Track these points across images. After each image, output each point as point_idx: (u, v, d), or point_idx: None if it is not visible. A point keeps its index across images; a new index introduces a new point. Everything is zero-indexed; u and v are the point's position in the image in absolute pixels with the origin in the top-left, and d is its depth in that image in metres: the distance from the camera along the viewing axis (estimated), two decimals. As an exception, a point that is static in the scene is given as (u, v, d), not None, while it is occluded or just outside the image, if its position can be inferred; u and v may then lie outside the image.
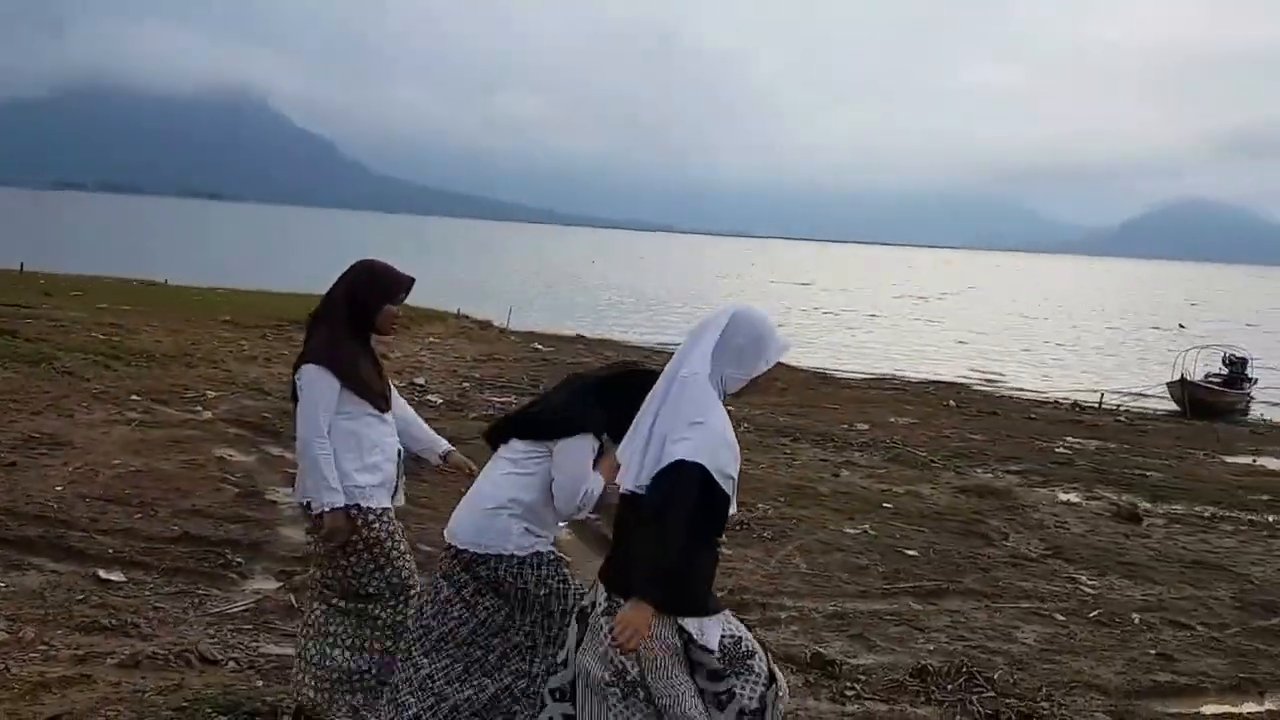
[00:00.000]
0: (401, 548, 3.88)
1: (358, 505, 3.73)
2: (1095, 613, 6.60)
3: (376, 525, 3.78)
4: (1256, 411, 23.12)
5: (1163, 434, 16.76)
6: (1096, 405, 20.66)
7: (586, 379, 3.52)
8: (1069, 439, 14.77)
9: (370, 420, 3.79)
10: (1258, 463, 14.32)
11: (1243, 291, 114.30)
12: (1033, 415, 17.72)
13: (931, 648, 5.74)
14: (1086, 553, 8.16)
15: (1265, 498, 11.27)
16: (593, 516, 3.72)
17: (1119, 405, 21.25)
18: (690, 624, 2.85)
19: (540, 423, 3.40)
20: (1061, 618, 6.45)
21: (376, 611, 3.80)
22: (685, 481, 2.74)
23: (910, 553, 7.56)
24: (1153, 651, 6.00)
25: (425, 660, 3.40)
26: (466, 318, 23.62)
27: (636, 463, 2.88)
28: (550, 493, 3.33)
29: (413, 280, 3.93)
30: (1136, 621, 6.55)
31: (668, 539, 2.72)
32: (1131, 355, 34.32)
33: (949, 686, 5.12)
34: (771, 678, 2.96)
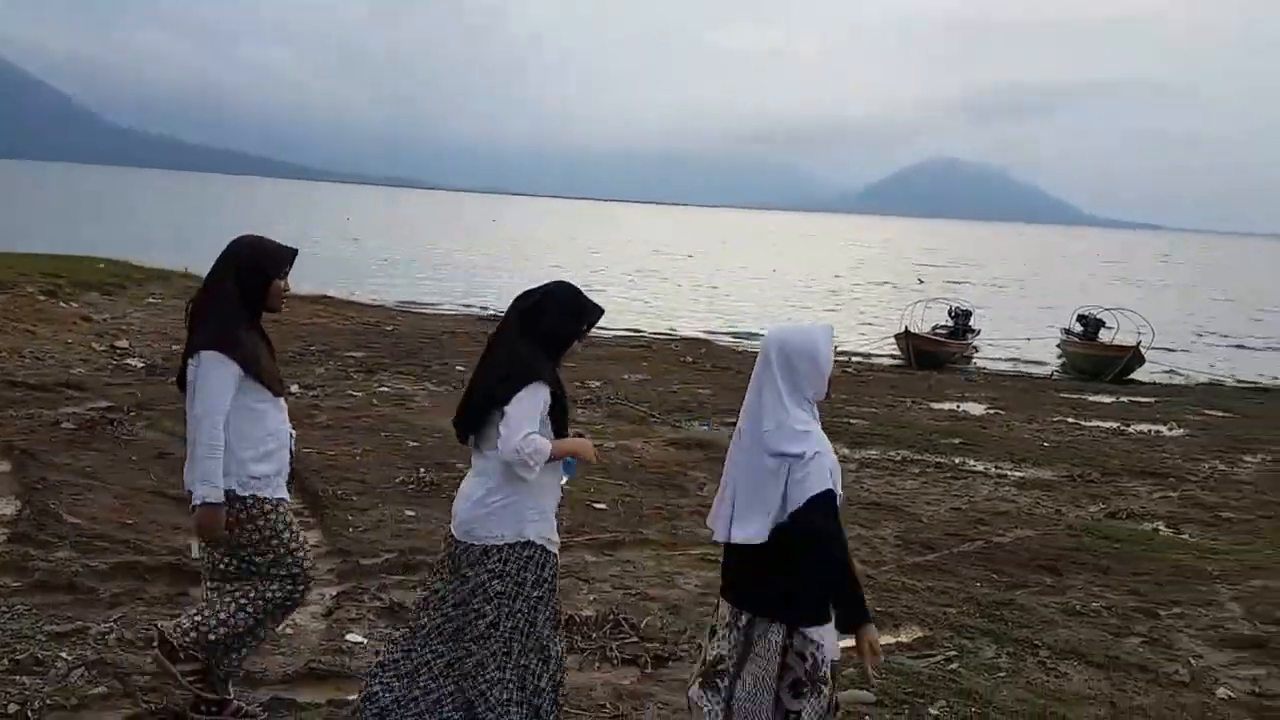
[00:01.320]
0: (300, 538, 3.85)
1: (254, 496, 3.66)
2: (764, 557, 6.87)
3: (273, 516, 3.73)
4: (980, 361, 24.85)
5: (882, 384, 17.72)
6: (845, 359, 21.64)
7: (504, 338, 3.44)
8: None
9: (267, 407, 3.69)
10: (961, 409, 15.35)
11: (987, 246, 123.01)
12: (767, 369, 18.40)
13: (592, 598, 5.83)
14: (775, 500, 8.48)
15: (957, 441, 12.09)
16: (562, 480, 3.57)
17: (850, 357, 22.36)
18: (813, 633, 3.11)
19: (486, 403, 3.36)
20: (731, 563, 6.67)
21: (274, 590, 3.76)
22: (826, 509, 2.99)
23: (599, 506, 7.67)
24: (808, 592, 6.29)
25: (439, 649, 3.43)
26: (194, 277, 22.36)
27: (727, 512, 3.11)
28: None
29: (295, 252, 3.83)
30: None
31: (841, 566, 3.03)
32: (875, 308, 36.19)
33: (594, 635, 5.22)
34: (834, 707, 3.18)
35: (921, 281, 46.26)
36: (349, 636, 5.00)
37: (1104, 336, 24.43)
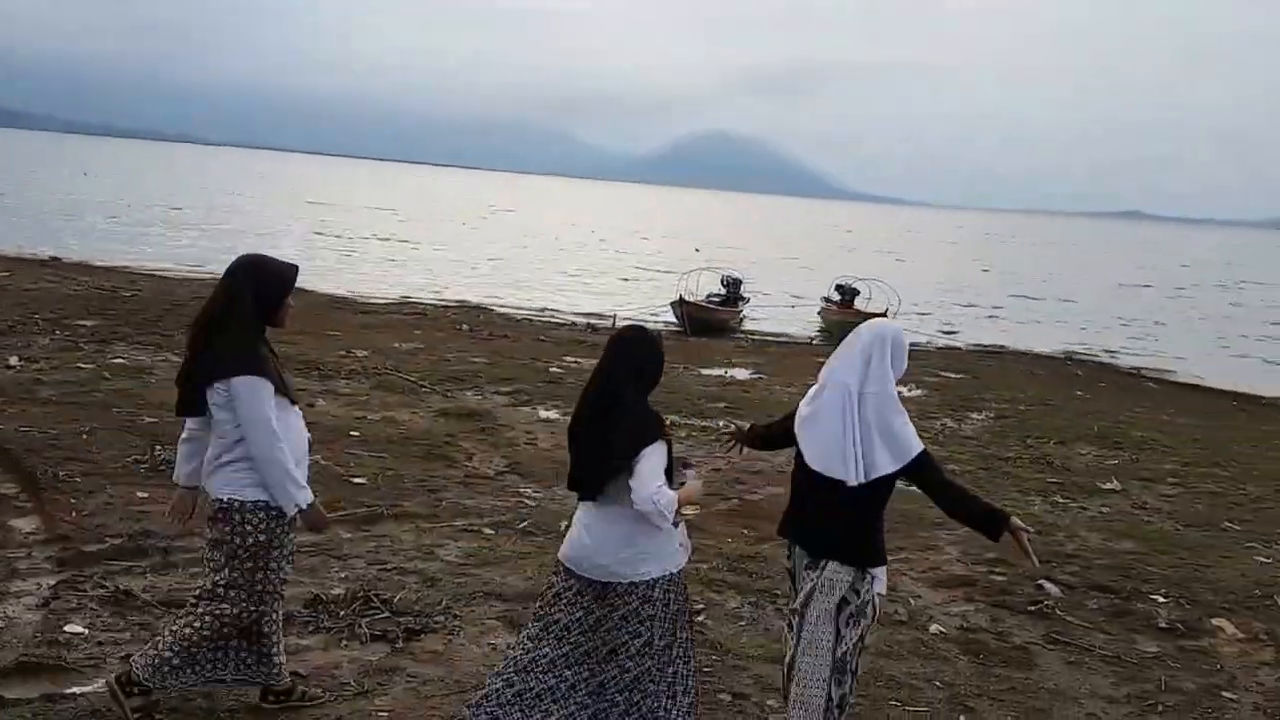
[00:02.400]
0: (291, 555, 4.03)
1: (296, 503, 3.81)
2: (526, 524, 6.93)
3: (286, 528, 3.91)
4: (751, 326, 25.80)
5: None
6: (610, 324, 21.93)
7: (618, 395, 3.63)
8: (568, 359, 15.52)
9: (290, 417, 3.84)
10: (728, 374, 15.90)
11: (757, 216, 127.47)
12: (543, 338, 18.46)
13: (344, 575, 5.70)
14: (542, 467, 8.55)
15: (722, 405, 12.53)
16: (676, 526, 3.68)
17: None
18: (877, 571, 3.71)
19: (620, 464, 3.53)
20: (490, 531, 6.69)
21: (232, 609, 3.84)
22: (933, 460, 3.69)
23: (358, 480, 7.50)
24: (565, 555, 6.39)
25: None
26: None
27: (855, 460, 3.58)
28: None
29: (298, 269, 3.99)
30: (563, 527, 6.94)
31: (972, 497, 3.75)
32: (654, 276, 36.89)
33: (341, 613, 5.10)
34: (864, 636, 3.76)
35: (697, 250, 47.49)
36: (67, 628, 4.67)
37: (859, 304, 25.90)
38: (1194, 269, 73.54)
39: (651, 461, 3.51)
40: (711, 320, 24.00)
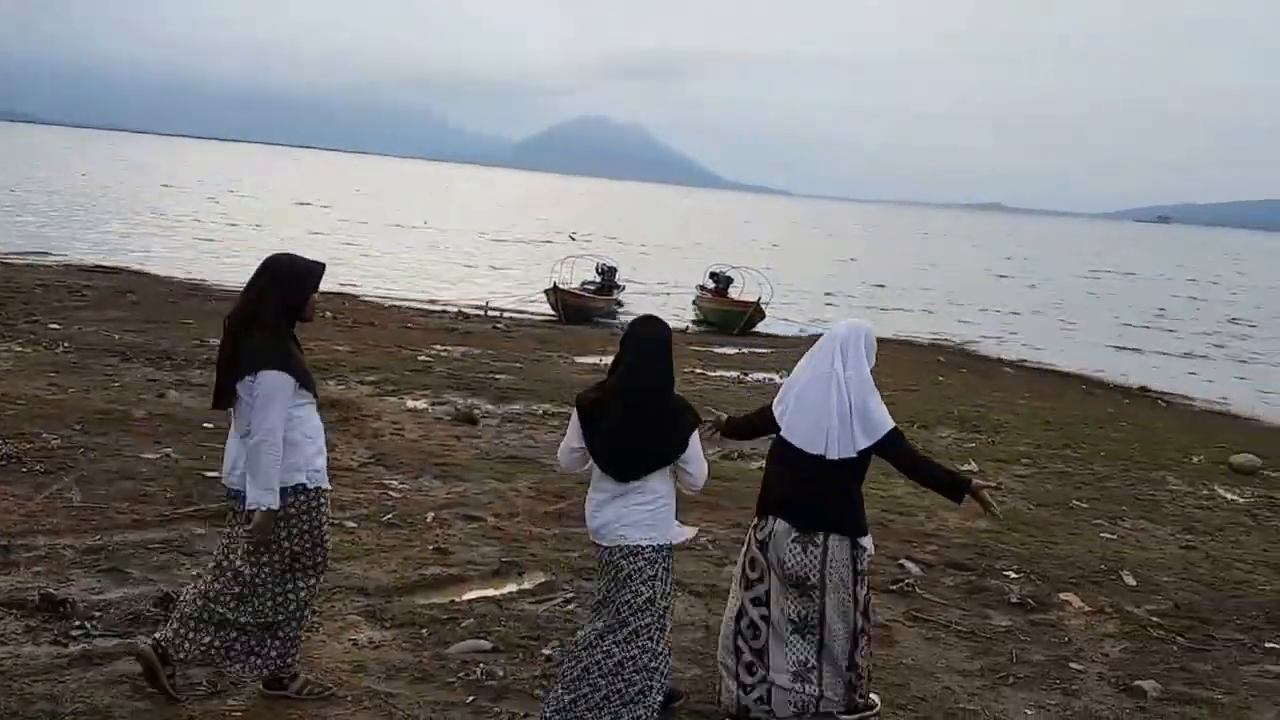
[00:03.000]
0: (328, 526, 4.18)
1: (318, 487, 4.03)
2: (390, 515, 6.78)
3: (324, 504, 4.10)
4: (625, 316, 25.85)
5: (530, 339, 18.01)
6: (482, 313, 21.71)
7: (666, 389, 3.96)
8: (437, 347, 15.29)
9: (313, 407, 4.04)
10: (603, 362, 15.87)
11: (633, 203, 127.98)
12: (411, 325, 18.13)
13: (195, 573, 5.45)
14: (409, 458, 8.39)
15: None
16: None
17: (502, 312, 22.54)
18: (865, 541, 4.21)
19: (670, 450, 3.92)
20: (353, 524, 6.52)
21: (301, 587, 4.07)
22: (902, 436, 4.18)
23: (211, 474, 7.18)
24: (431, 547, 6.27)
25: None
26: None
27: (838, 438, 4.09)
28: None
29: (324, 266, 4.16)
30: (430, 519, 6.82)
31: (934, 466, 4.33)
32: (528, 263, 36.63)
33: (193, 611, 4.88)
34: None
35: (572, 238, 47.36)
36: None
37: (732, 292, 26.22)
38: (1050, 259, 76.83)
39: (699, 443, 3.99)
40: (587, 308, 23.98)
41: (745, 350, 19.11)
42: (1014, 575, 6.77)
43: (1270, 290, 60.51)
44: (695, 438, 3.96)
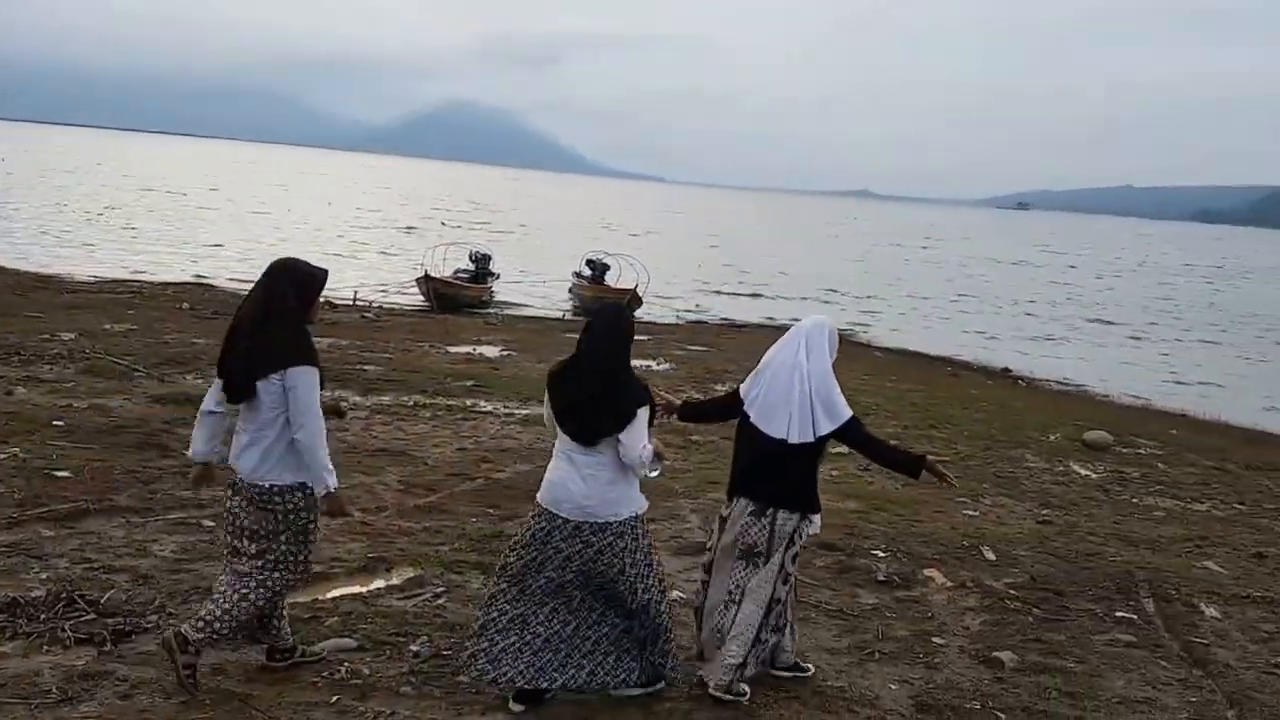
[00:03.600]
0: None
1: (326, 486, 4.18)
2: (253, 513, 6.53)
3: (317, 508, 4.27)
4: (499, 303, 25.60)
5: (400, 328, 17.66)
6: (350, 302, 21.19)
7: (622, 364, 4.29)
8: (305, 338, 14.86)
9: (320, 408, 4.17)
10: (477, 351, 15.70)
11: (505, 190, 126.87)
12: (277, 316, 17.58)
13: (45, 576, 5.19)
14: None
15: (470, 383, 12.34)
16: (653, 474, 4.38)
17: (372, 302, 22.05)
18: (814, 517, 4.59)
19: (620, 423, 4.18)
20: (210, 524, 6.25)
21: (276, 578, 4.22)
22: (859, 422, 4.58)
23: (62, 474, 6.85)
24: (296, 545, 6.07)
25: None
26: None
27: (799, 424, 4.46)
28: None
29: (327, 271, 4.35)
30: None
31: (890, 449, 4.80)
32: (398, 252, 35.92)
33: (42, 616, 4.65)
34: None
35: (444, 224, 46.70)
36: None
37: (609, 280, 26.23)
38: (917, 245, 79.16)
39: (642, 421, 4.21)
40: (459, 297, 23.65)
41: (622, 338, 19.14)
42: (881, 554, 6.92)
43: (1123, 275, 63.66)
44: (642, 416, 4.21)
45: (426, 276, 23.02)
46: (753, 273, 40.85)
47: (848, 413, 4.53)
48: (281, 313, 4.12)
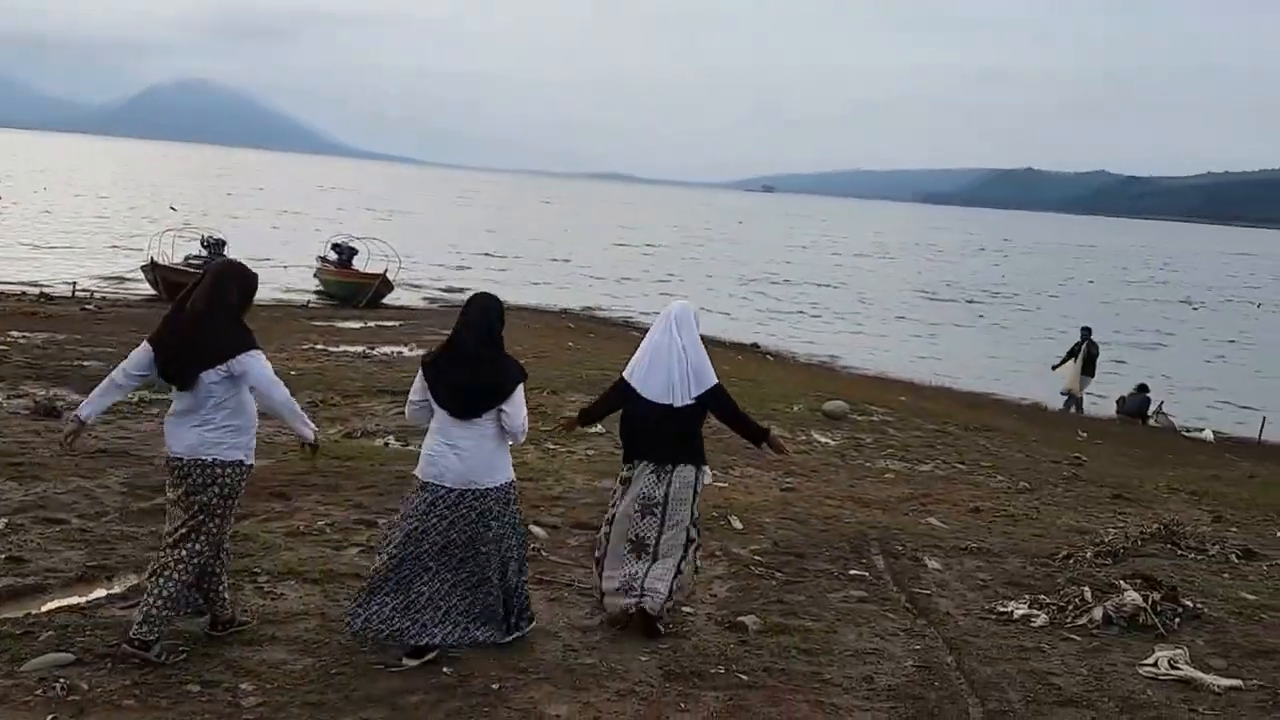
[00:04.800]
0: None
1: (252, 464, 4.67)
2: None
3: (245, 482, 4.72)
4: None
5: (125, 320, 16.55)
6: (70, 294, 19.60)
7: (498, 344, 4.78)
8: (14, 333, 13.59)
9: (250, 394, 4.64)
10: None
11: (244, 172, 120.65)
12: (-19, 310, 15.99)
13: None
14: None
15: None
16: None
17: (93, 293, 20.44)
18: (705, 469, 5.39)
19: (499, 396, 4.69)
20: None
21: (198, 549, 4.55)
22: (723, 388, 5.36)
23: None
24: (3, 556, 5.53)
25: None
26: None
27: (680, 391, 5.20)
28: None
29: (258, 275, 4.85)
30: (2, 526, 6.02)
31: (745, 417, 5.46)
32: (121, 238, 33.48)
33: None
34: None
35: (174, 209, 43.87)
36: None
37: (357, 264, 25.39)
38: (664, 226, 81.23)
39: (520, 395, 4.71)
40: (188, 284, 22.26)
41: (372, 324, 18.61)
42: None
43: (863, 253, 67.71)
44: (520, 390, 4.71)
45: (154, 264, 21.54)
46: (509, 255, 40.70)
47: (713, 379, 5.28)
48: (224, 309, 4.52)
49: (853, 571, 6.56)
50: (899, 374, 21.03)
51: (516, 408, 4.67)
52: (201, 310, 4.50)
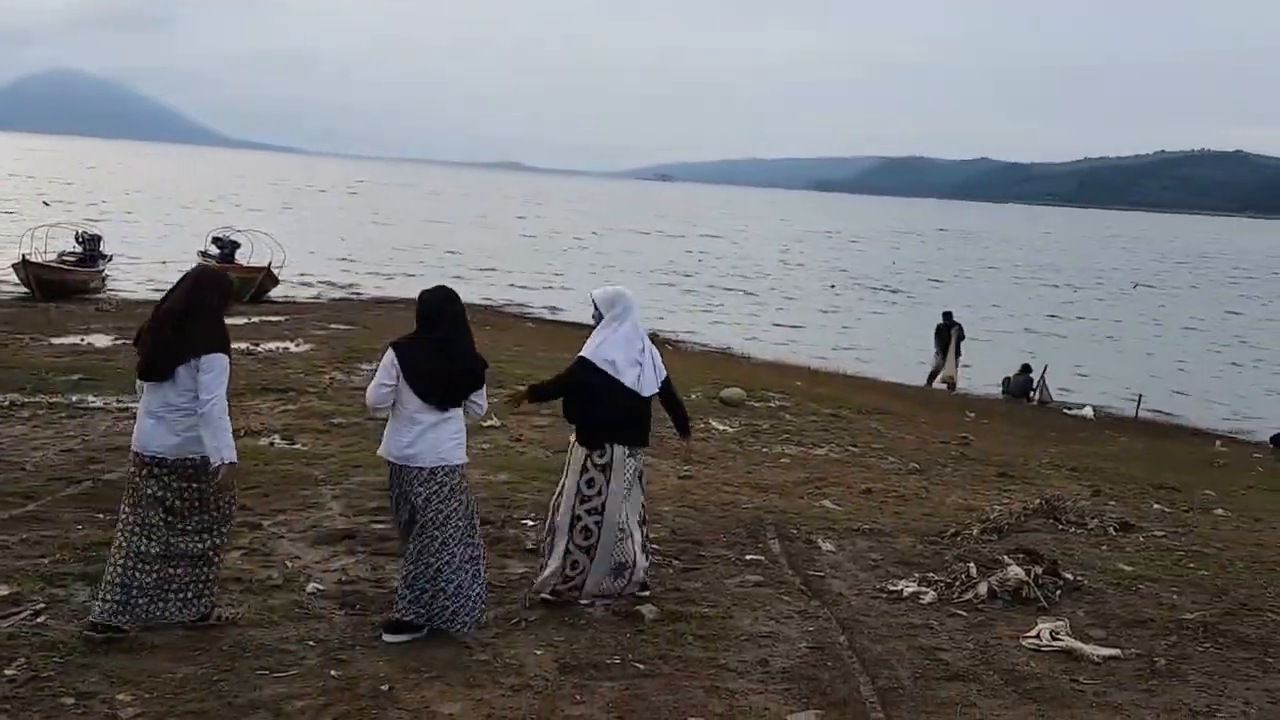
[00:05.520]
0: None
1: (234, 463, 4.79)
2: None
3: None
4: (114, 288, 23.42)
5: (-3, 320, 15.71)
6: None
7: (469, 337, 5.10)
8: None
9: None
10: (85, 341, 14.27)
11: (119, 165, 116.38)
12: None
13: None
14: None
15: (76, 377, 11.18)
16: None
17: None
18: (639, 451, 5.63)
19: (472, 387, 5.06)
20: None
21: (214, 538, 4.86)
22: (669, 381, 5.74)
23: None
24: None
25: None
26: None
27: (651, 379, 5.54)
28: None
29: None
30: None
31: (681, 403, 5.95)
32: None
33: None
34: None
35: (46, 204, 42.06)
36: None
37: (240, 259, 24.69)
38: (561, 216, 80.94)
39: (484, 383, 5.09)
40: (66, 282, 21.43)
41: (256, 320, 18.09)
42: (531, 523, 6.95)
43: (766, 240, 68.48)
44: (486, 378, 5.09)
45: (25, 261, 20.60)
46: (398, 248, 40.07)
47: (664, 371, 5.64)
48: (202, 310, 4.67)
49: (749, 556, 6.61)
50: (796, 360, 21.33)
51: (483, 395, 5.09)
52: (179, 309, 4.67)
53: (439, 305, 5.03)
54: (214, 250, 24.87)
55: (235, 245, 24.84)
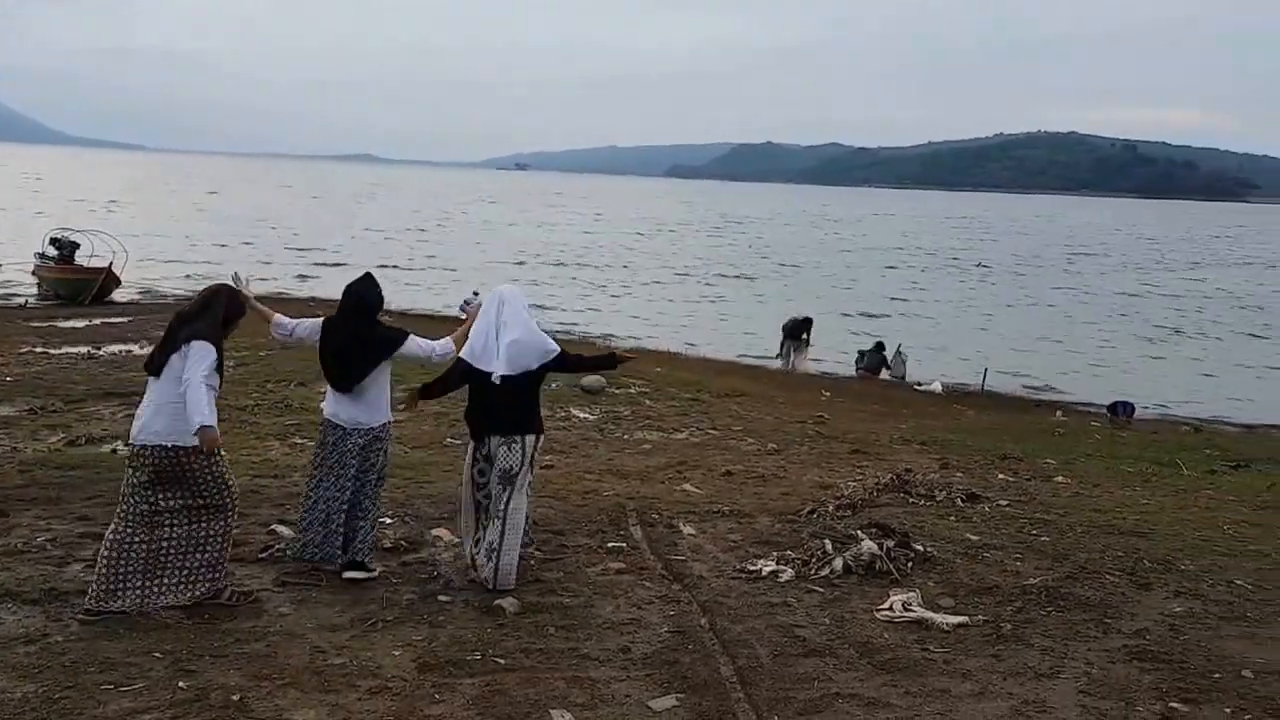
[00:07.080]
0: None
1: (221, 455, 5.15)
2: None
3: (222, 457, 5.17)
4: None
5: None
6: None
7: (369, 324, 5.77)
8: None
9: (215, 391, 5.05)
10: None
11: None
12: None
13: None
14: None
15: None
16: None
17: None
18: (540, 436, 5.85)
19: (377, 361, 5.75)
20: None
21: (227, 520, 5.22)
22: (564, 350, 5.86)
23: None
24: None
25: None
26: None
27: (504, 364, 5.63)
28: None
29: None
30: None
31: (585, 358, 6.40)
32: None
33: None
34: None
35: None
36: None
37: (80, 259, 23.50)
38: (409, 206, 79.51)
39: (414, 342, 5.80)
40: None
41: (97, 322, 17.27)
42: (389, 520, 6.83)
43: (620, 228, 68.63)
44: (410, 341, 5.75)
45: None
46: (251, 242, 38.76)
47: (555, 349, 5.75)
48: (207, 314, 5.08)
49: (611, 544, 6.64)
50: (656, 346, 21.50)
51: (414, 345, 5.75)
52: (187, 313, 5.14)
53: (347, 293, 5.75)
54: (52, 251, 23.57)
55: (75, 245, 23.59)
